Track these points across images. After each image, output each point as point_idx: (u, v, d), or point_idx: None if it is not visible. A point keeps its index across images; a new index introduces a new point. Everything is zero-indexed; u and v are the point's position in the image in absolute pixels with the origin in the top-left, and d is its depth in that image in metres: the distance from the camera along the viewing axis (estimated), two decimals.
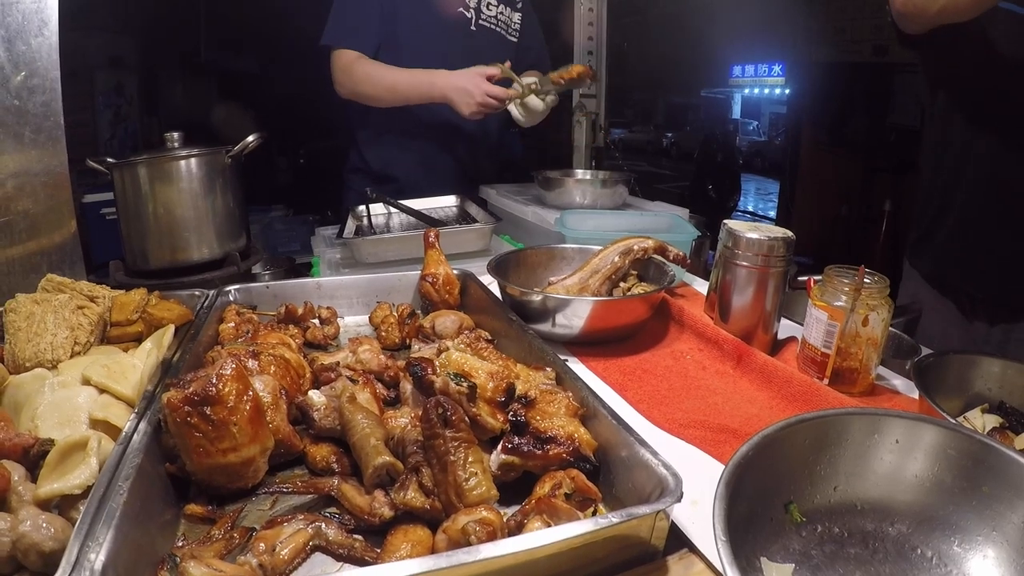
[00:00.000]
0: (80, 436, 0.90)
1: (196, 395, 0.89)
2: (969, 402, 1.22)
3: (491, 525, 0.78)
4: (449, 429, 0.87)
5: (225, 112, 5.69)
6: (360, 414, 0.99)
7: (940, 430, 0.86)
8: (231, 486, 0.95)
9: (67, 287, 1.33)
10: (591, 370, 1.40)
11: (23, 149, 1.58)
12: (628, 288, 1.60)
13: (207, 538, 0.87)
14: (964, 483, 0.83)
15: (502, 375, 1.04)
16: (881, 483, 0.88)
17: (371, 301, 1.67)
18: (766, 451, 0.82)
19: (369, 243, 1.94)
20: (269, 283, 1.62)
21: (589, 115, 3.41)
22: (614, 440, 0.96)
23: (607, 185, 2.44)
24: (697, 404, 1.27)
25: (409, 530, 0.85)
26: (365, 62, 2.40)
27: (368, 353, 1.27)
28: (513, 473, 0.96)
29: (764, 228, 1.46)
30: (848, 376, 1.29)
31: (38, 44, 1.56)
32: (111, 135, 5.48)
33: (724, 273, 1.48)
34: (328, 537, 0.86)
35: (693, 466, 1.05)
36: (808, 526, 0.85)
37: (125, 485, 0.80)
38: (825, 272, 1.30)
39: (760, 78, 13.09)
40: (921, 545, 0.83)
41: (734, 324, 1.48)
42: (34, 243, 1.63)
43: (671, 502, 0.79)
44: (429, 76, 2.31)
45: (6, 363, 1.16)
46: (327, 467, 1.00)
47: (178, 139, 1.83)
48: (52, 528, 0.76)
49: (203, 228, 1.84)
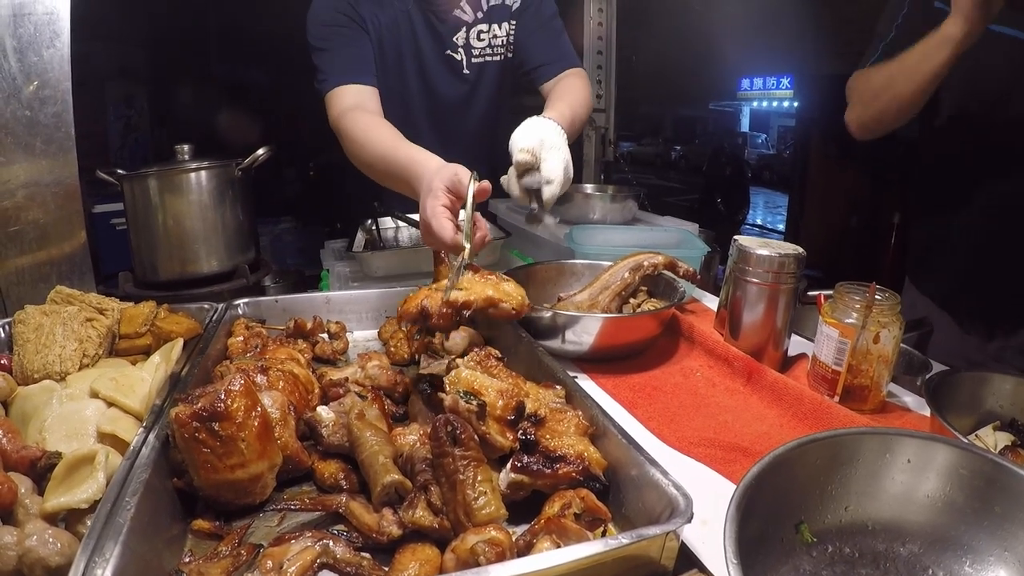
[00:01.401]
0: (88, 450, 0.90)
1: (204, 410, 0.89)
2: (981, 419, 1.21)
3: (500, 545, 0.78)
4: (458, 447, 0.87)
5: (235, 124, 5.72)
6: (369, 431, 0.99)
7: (952, 450, 0.85)
8: (239, 502, 0.94)
9: (76, 299, 1.33)
10: (601, 387, 1.40)
11: (34, 159, 1.59)
12: (638, 304, 1.60)
13: (214, 554, 0.87)
14: (976, 503, 0.82)
15: (512, 393, 1.03)
16: (893, 503, 0.87)
17: (380, 316, 1.67)
18: (777, 471, 0.81)
19: (378, 257, 1.94)
20: (278, 297, 1.62)
21: (598, 129, 3.41)
22: (624, 459, 0.95)
23: (616, 200, 2.44)
24: (707, 422, 1.27)
25: (417, 549, 0.85)
26: (359, 114, 1.90)
27: (377, 368, 1.27)
28: (522, 492, 0.95)
29: (775, 244, 1.45)
30: (859, 393, 1.28)
31: (50, 55, 1.57)
32: (121, 145, 5.52)
33: (734, 290, 1.48)
34: (336, 555, 0.85)
35: (703, 485, 1.05)
36: (819, 546, 0.85)
37: (133, 500, 0.80)
38: (836, 289, 1.30)
39: (768, 91, 13.10)
40: (932, 566, 0.83)
41: (744, 341, 1.47)
42: (44, 253, 1.64)
43: (681, 523, 0.79)
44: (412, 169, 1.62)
45: (14, 374, 1.16)
46: (335, 484, 1.00)
47: (188, 151, 1.84)
48: (59, 543, 0.76)
49: (212, 240, 1.85)
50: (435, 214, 1.40)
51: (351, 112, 1.89)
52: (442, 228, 1.38)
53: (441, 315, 1.18)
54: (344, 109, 1.90)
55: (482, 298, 1.20)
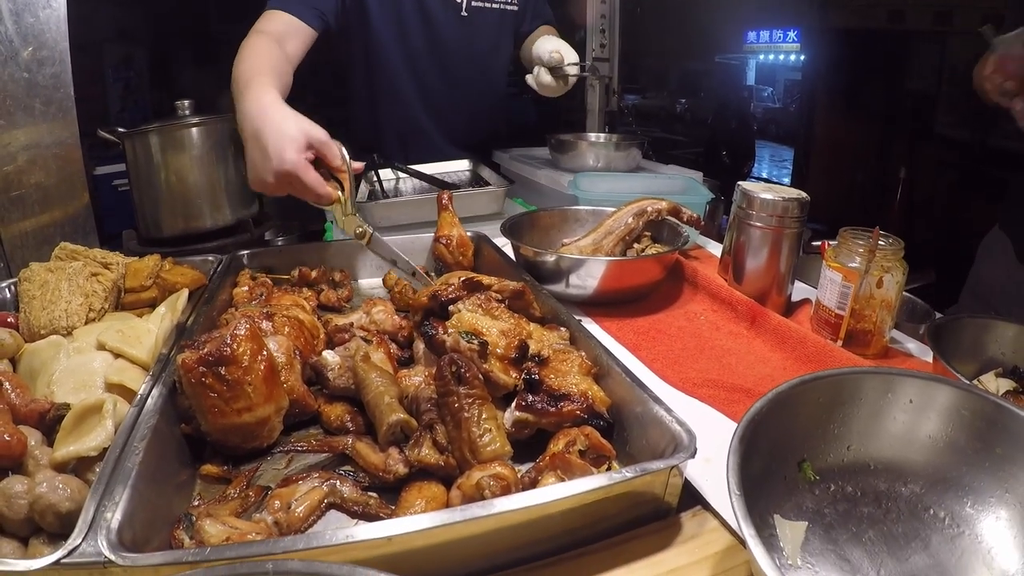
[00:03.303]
0: (95, 399, 0.91)
1: (210, 356, 0.89)
2: (983, 366, 1.21)
3: (505, 480, 0.79)
4: (463, 386, 0.87)
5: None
6: (374, 373, 0.99)
7: (954, 391, 0.85)
8: (246, 446, 0.95)
9: (80, 255, 1.33)
10: (605, 330, 1.40)
11: (34, 122, 1.59)
12: (642, 249, 1.60)
13: (223, 497, 0.88)
14: (977, 444, 0.82)
15: (514, 333, 1.04)
16: (895, 443, 0.87)
17: (384, 263, 1.66)
18: (780, 409, 0.81)
19: (382, 207, 1.94)
20: (282, 247, 1.62)
21: (602, 79, 3.37)
22: (628, 397, 0.96)
23: (620, 148, 2.42)
24: (711, 364, 1.27)
25: (423, 486, 0.86)
26: (261, 38, 1.81)
27: (382, 314, 1.27)
28: (527, 430, 0.96)
29: (778, 189, 1.45)
30: (862, 338, 1.28)
31: (46, 16, 1.55)
32: (121, 108, 5.47)
33: (738, 234, 1.47)
34: (343, 494, 0.87)
35: (706, 424, 1.05)
36: (821, 485, 0.85)
37: (141, 445, 0.81)
38: (840, 233, 1.29)
39: (775, 44, 12.91)
40: (934, 505, 0.83)
41: (748, 285, 1.47)
42: (47, 216, 1.64)
43: (685, 458, 0.79)
44: (255, 99, 1.44)
45: (21, 331, 1.17)
46: (341, 426, 1.01)
47: (189, 107, 1.83)
48: (68, 489, 0.76)
49: (215, 195, 1.84)
50: (297, 163, 1.34)
51: (261, 35, 1.84)
52: (312, 179, 1.35)
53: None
54: (260, 30, 1.87)
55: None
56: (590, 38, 3.44)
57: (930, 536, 0.80)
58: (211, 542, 0.73)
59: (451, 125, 2.51)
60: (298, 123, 1.37)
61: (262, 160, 1.36)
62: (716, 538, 0.83)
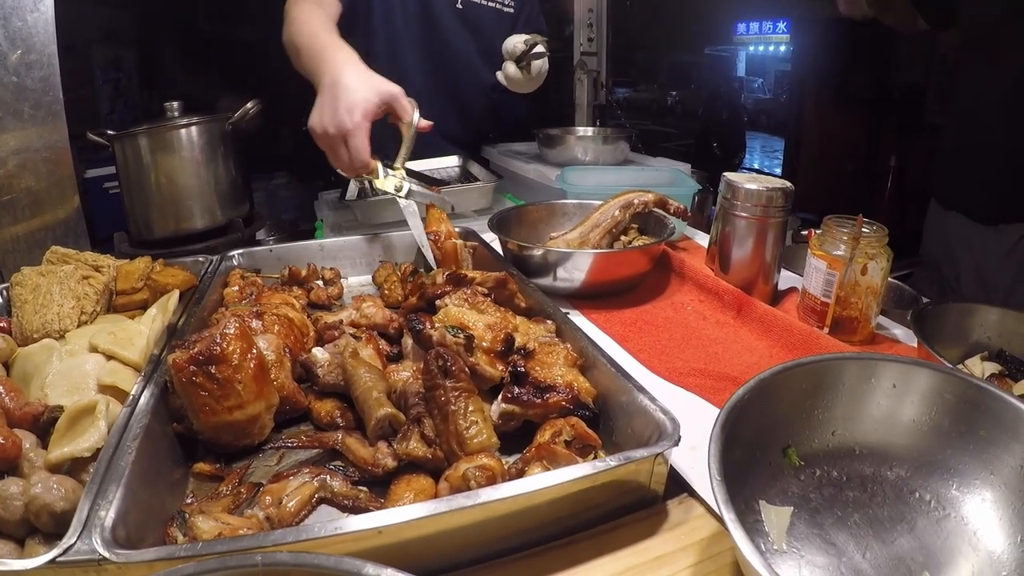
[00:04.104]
0: (88, 401, 0.91)
1: (201, 355, 0.90)
2: (969, 350, 1.23)
3: (491, 471, 0.80)
4: (449, 379, 0.88)
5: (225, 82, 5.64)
6: (363, 368, 1.00)
7: (936, 374, 0.86)
8: (238, 443, 0.96)
9: (72, 258, 1.34)
10: (592, 322, 1.41)
11: (23, 126, 1.59)
12: (628, 242, 1.61)
13: (215, 494, 0.89)
14: (961, 427, 0.83)
15: (500, 326, 1.05)
16: (879, 427, 0.88)
17: (374, 261, 1.68)
18: (762, 395, 0.82)
19: (372, 204, 1.94)
20: (272, 247, 1.62)
21: (590, 72, 3.38)
22: (613, 388, 0.97)
23: (608, 141, 2.43)
24: (697, 353, 1.28)
25: (412, 479, 0.87)
26: (308, 3, 1.93)
27: (372, 308, 1.28)
28: (514, 422, 0.97)
29: (763, 179, 1.46)
30: (848, 325, 1.29)
31: (34, 20, 1.56)
32: (111, 110, 5.45)
33: (724, 225, 1.48)
34: (333, 489, 0.88)
35: (693, 413, 1.06)
36: (806, 470, 0.86)
37: (134, 445, 0.82)
38: (824, 222, 1.30)
39: (765, 35, 12.90)
40: (919, 488, 0.84)
41: (734, 275, 1.48)
42: (38, 220, 1.64)
43: (668, 445, 0.80)
44: (332, 59, 1.62)
45: (14, 335, 1.17)
46: (331, 422, 1.02)
47: (178, 108, 1.83)
48: (63, 489, 0.77)
49: (206, 196, 1.84)
50: (359, 126, 1.48)
51: (307, 0, 1.94)
52: (363, 145, 1.51)
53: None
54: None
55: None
56: (578, 32, 3.44)
57: (916, 519, 0.81)
58: (204, 538, 0.74)
59: (441, 121, 2.52)
60: (373, 83, 1.54)
61: (332, 109, 1.50)
62: (702, 525, 0.84)
